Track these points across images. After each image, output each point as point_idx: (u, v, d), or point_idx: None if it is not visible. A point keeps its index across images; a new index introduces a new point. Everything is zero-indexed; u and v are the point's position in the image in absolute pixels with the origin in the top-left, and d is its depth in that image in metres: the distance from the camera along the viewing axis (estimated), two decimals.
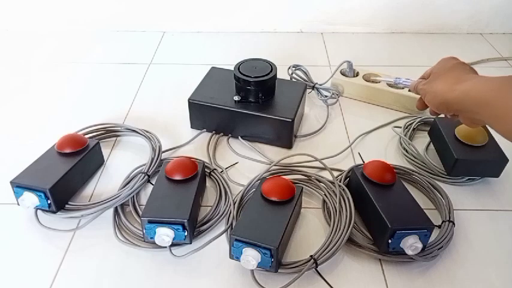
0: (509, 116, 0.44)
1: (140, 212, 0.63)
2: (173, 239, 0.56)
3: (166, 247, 0.57)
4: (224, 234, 0.60)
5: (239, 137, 0.78)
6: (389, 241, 0.55)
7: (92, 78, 0.97)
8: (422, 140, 0.79)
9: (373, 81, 0.87)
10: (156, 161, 0.69)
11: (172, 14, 1.14)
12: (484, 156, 0.67)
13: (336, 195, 0.63)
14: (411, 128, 0.79)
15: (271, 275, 0.55)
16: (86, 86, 0.95)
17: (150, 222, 0.56)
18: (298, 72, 0.92)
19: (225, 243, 0.59)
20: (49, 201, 0.59)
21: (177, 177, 0.62)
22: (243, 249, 0.53)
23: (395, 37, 1.15)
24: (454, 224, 0.61)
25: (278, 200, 0.59)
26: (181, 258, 0.58)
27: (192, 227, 0.59)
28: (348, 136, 0.80)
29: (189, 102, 0.77)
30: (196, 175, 0.63)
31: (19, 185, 0.59)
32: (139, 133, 0.76)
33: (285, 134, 0.75)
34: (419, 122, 0.80)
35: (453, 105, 0.52)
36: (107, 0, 1.12)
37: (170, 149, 0.75)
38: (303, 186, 0.66)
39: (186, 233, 0.56)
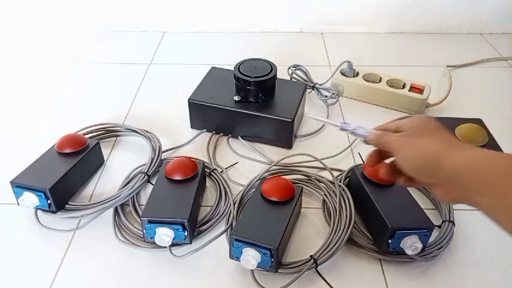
0: None
1: (140, 212, 0.62)
2: (173, 239, 0.56)
3: (166, 247, 0.57)
4: (224, 234, 0.60)
5: (239, 137, 0.78)
6: (389, 241, 0.55)
7: (92, 78, 0.97)
8: None
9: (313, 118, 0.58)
10: (156, 161, 0.69)
11: (172, 14, 1.14)
12: None
13: (336, 195, 0.63)
14: None
15: (271, 275, 0.55)
16: (86, 86, 0.95)
17: (150, 222, 0.56)
18: (298, 72, 0.92)
19: (225, 243, 0.59)
20: (49, 201, 0.59)
21: (177, 177, 0.62)
22: (243, 249, 0.53)
23: (395, 37, 1.15)
24: (454, 224, 0.61)
25: (278, 200, 0.59)
26: (181, 258, 0.58)
27: (192, 227, 0.59)
28: (348, 136, 0.80)
29: (189, 102, 0.77)
30: (196, 175, 0.63)
31: (19, 185, 0.59)
32: (139, 133, 0.76)
33: (285, 134, 0.75)
34: None
35: (443, 172, 0.40)
36: (107, 0, 1.12)
37: (170, 149, 0.75)
38: (303, 186, 0.66)
39: (186, 233, 0.56)
